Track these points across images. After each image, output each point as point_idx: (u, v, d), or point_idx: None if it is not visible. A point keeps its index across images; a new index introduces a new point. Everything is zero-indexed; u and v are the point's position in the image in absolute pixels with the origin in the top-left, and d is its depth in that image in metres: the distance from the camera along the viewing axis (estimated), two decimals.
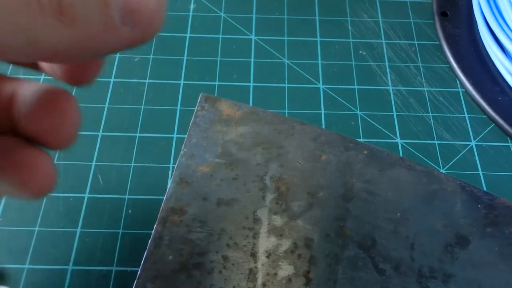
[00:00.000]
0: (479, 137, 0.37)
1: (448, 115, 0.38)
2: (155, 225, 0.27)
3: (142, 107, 0.37)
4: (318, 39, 0.42)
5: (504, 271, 0.26)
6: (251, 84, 0.39)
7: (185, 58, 0.40)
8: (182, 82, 0.39)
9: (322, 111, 0.38)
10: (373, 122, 0.37)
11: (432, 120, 0.38)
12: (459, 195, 0.29)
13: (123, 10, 0.15)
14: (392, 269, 0.26)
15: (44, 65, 0.21)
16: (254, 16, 0.43)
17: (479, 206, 0.28)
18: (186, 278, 0.26)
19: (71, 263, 0.30)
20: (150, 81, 0.39)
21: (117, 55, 0.40)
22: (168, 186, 0.28)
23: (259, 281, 0.26)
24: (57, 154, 0.35)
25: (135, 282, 0.25)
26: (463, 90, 0.40)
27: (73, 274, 0.30)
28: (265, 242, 0.27)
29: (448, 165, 0.36)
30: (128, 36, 0.16)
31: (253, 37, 0.42)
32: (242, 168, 0.29)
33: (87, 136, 0.35)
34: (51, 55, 0.15)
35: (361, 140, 0.36)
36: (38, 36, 0.14)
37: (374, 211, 0.28)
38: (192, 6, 0.44)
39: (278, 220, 0.27)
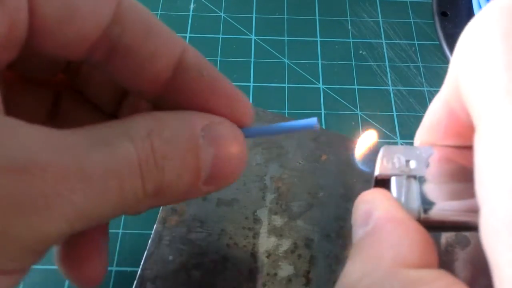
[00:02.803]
0: None
1: None
2: (155, 225, 0.27)
3: None
4: (318, 39, 0.42)
5: None
6: (251, 84, 0.39)
7: None
8: None
9: (322, 111, 0.38)
10: (373, 122, 0.37)
11: None
12: None
13: (209, 177, 0.17)
14: None
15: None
16: (254, 16, 0.43)
17: None
18: (186, 278, 0.26)
19: None
20: None
21: None
22: None
23: (259, 281, 0.26)
24: None
25: (135, 282, 0.25)
26: None
27: None
28: (265, 242, 0.27)
29: None
30: (204, 192, 0.18)
31: (253, 37, 0.42)
32: None
33: None
34: (125, 214, 0.16)
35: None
36: (128, 211, 0.16)
37: None
38: (192, 6, 0.44)
39: (278, 220, 0.27)
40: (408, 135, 0.37)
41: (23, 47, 0.15)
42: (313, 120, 0.19)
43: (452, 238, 0.26)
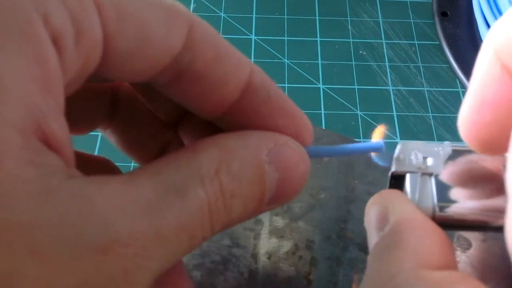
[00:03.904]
0: None
1: (448, 115, 0.38)
2: None
3: None
4: (318, 39, 0.42)
5: (504, 273, 0.26)
6: None
7: None
8: None
9: (322, 111, 0.38)
10: (373, 122, 0.37)
11: (432, 120, 0.38)
12: None
13: (272, 197, 0.17)
14: None
15: None
16: (254, 16, 0.43)
17: None
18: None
19: None
20: None
21: None
22: None
23: (260, 282, 0.26)
24: None
25: None
26: (463, 90, 0.40)
27: None
28: (266, 243, 0.27)
29: None
30: (265, 210, 0.17)
31: (253, 37, 0.42)
32: None
33: (87, 136, 0.35)
34: None
35: (361, 140, 0.36)
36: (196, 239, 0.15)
37: None
38: (192, 6, 0.44)
39: (279, 221, 0.27)
40: (408, 135, 0.37)
41: (90, 77, 0.15)
42: (379, 143, 0.18)
43: (453, 241, 0.26)
